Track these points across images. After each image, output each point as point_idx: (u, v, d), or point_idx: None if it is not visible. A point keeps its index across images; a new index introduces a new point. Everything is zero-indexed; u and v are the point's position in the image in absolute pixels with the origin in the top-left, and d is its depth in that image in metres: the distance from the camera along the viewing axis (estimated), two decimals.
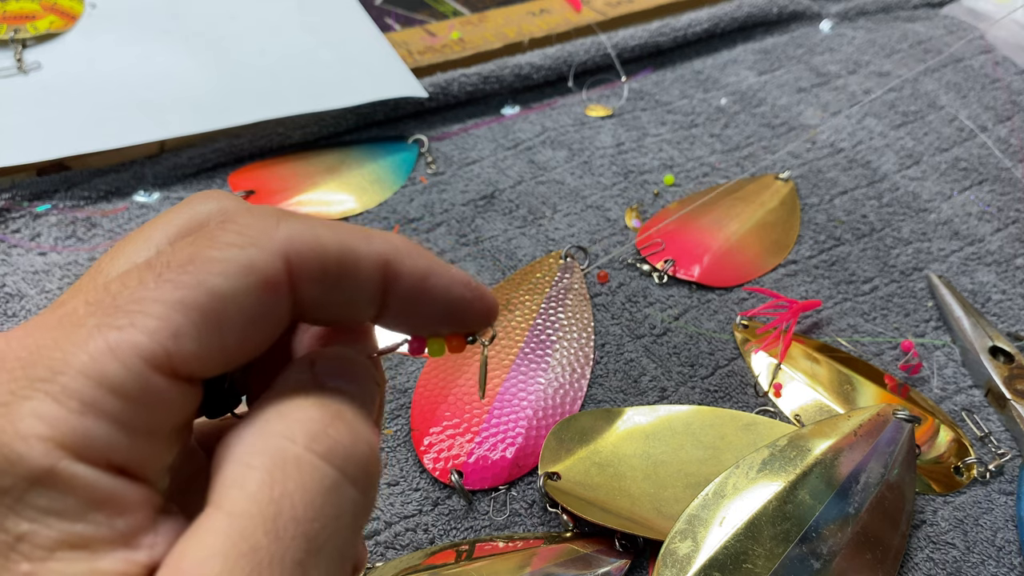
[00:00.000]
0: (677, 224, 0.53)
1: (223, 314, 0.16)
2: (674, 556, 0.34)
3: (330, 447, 0.16)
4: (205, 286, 0.16)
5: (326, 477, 0.16)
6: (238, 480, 0.16)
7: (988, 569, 0.38)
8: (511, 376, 0.43)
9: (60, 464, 0.15)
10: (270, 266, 0.17)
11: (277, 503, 0.15)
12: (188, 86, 0.56)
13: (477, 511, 0.38)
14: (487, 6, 0.71)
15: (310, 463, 0.16)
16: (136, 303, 0.16)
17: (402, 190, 0.55)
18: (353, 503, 0.17)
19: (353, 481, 0.17)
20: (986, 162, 0.60)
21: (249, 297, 0.17)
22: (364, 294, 0.19)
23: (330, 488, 0.16)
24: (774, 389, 0.44)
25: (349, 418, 0.17)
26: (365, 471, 0.17)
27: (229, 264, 0.16)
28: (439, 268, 0.19)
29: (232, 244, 0.17)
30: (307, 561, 0.15)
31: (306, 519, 0.16)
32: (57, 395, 0.15)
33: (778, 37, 0.72)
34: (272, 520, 0.15)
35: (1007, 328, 0.48)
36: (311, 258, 0.17)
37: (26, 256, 0.48)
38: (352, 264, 0.18)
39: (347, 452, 0.17)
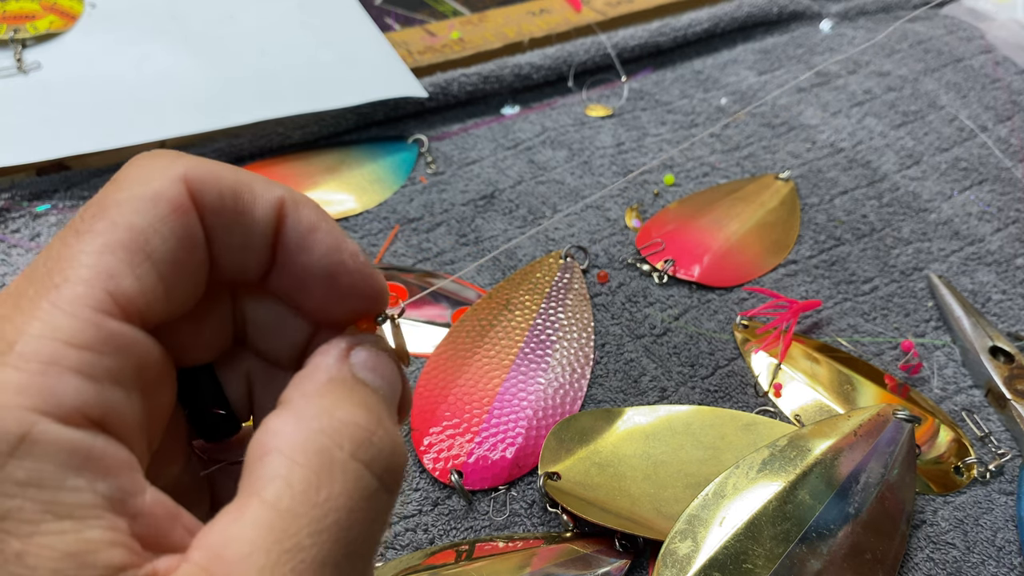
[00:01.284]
0: (677, 224, 0.53)
1: (148, 245, 0.17)
2: (674, 556, 0.34)
3: (374, 456, 0.17)
4: (122, 225, 0.16)
5: (369, 486, 0.17)
6: (283, 474, 0.16)
7: (988, 569, 0.38)
8: (511, 376, 0.43)
9: (35, 428, 0.15)
10: (174, 192, 0.17)
11: (323, 507, 0.16)
12: (188, 86, 0.56)
13: (477, 511, 0.38)
14: (487, 6, 0.71)
15: (355, 471, 0.17)
16: (65, 260, 0.16)
17: (402, 190, 0.55)
18: (387, 509, 0.17)
19: (389, 489, 0.17)
20: (986, 162, 0.60)
21: (165, 224, 0.17)
22: (259, 231, 0.19)
23: (371, 496, 0.17)
24: (774, 389, 0.44)
25: (388, 425, 0.18)
26: (399, 479, 0.18)
27: (137, 200, 0.17)
28: (329, 227, 0.19)
29: (135, 181, 0.17)
30: (343, 564, 0.16)
31: (348, 525, 0.16)
32: (16, 362, 0.15)
33: (778, 37, 0.72)
34: (318, 522, 0.16)
35: (1007, 328, 0.48)
36: (209, 184, 0.18)
37: (26, 256, 0.48)
38: (248, 198, 0.18)
39: (388, 461, 0.17)
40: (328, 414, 0.17)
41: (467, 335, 0.44)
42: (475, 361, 0.43)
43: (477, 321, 0.45)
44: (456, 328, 0.45)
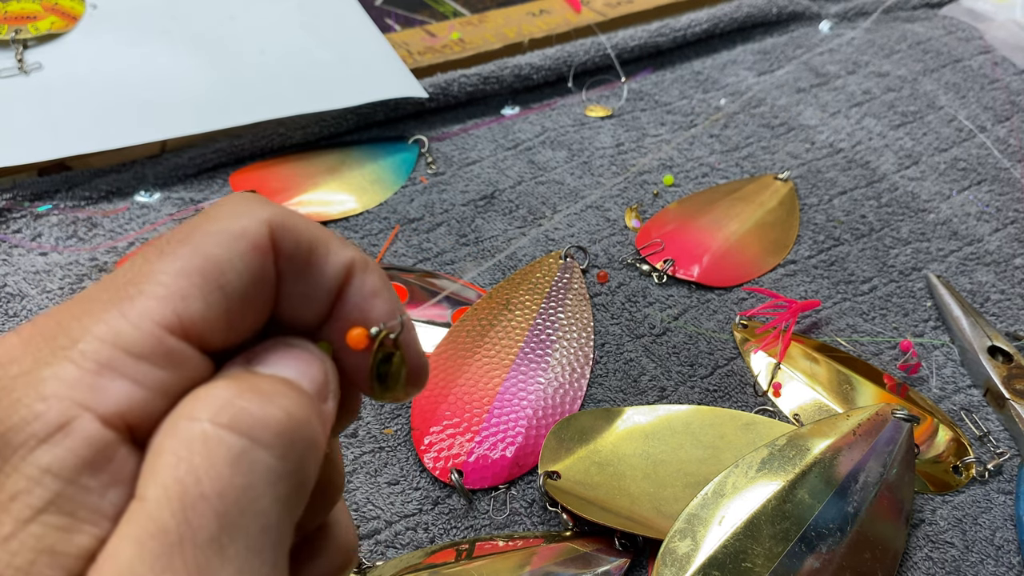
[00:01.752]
0: (676, 224, 0.53)
1: (222, 277, 0.17)
2: (673, 555, 0.34)
3: (234, 416, 0.16)
4: (203, 254, 0.17)
5: (232, 447, 0.16)
6: (149, 466, 0.16)
7: (987, 568, 0.38)
8: (511, 376, 0.43)
9: (76, 421, 0.15)
10: (257, 231, 0.18)
11: (183, 481, 0.15)
12: (189, 86, 0.56)
13: (477, 510, 0.39)
14: (487, 7, 0.71)
15: (215, 436, 0.16)
16: (144, 276, 0.17)
17: (402, 190, 0.55)
18: (268, 470, 0.16)
19: (266, 446, 0.16)
20: (985, 162, 0.60)
21: (243, 259, 0.18)
22: (326, 286, 0.19)
23: (237, 457, 0.16)
24: (773, 389, 0.44)
25: (265, 386, 0.17)
26: (281, 434, 0.16)
27: (223, 234, 0.18)
28: (389, 295, 0.20)
29: (224, 217, 0.18)
30: (222, 537, 0.15)
31: (214, 494, 0.15)
32: (76, 359, 0.16)
33: (777, 38, 0.72)
34: (179, 499, 0.15)
35: (1006, 328, 0.49)
36: (290, 232, 0.19)
37: (27, 256, 0.48)
38: (323, 252, 0.19)
39: (255, 418, 0.16)
40: (193, 398, 0.17)
41: (467, 335, 0.44)
42: (475, 361, 0.43)
43: (477, 321, 0.45)
44: (456, 328, 0.45)
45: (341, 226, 0.52)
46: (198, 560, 0.15)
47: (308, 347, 0.19)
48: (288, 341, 0.19)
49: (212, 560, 0.15)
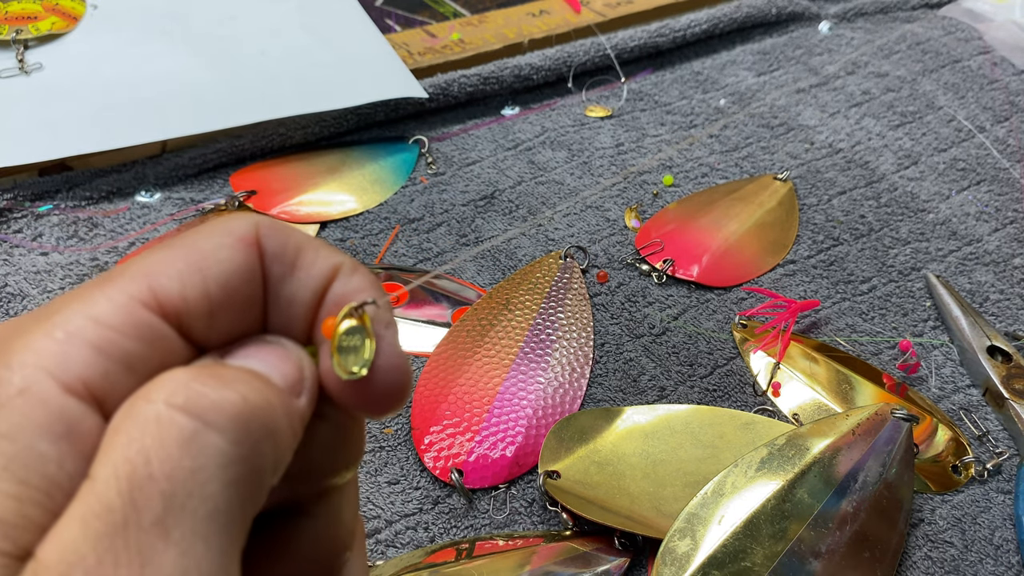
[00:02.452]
0: (676, 224, 0.53)
1: (203, 262, 0.18)
2: (673, 554, 0.34)
3: (188, 398, 0.16)
4: (189, 244, 0.18)
5: (184, 428, 0.16)
6: (104, 445, 0.16)
7: (986, 567, 0.38)
8: (511, 375, 0.43)
9: (35, 386, 0.16)
10: (243, 229, 0.19)
11: (132, 461, 0.15)
12: (189, 86, 0.56)
13: (477, 510, 0.39)
14: (487, 7, 0.71)
15: (167, 417, 0.16)
16: (129, 265, 0.18)
17: (402, 190, 0.55)
18: (219, 453, 0.16)
19: (219, 430, 0.16)
20: (984, 162, 0.61)
21: (224, 249, 0.18)
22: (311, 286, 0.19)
23: (188, 439, 0.15)
24: (772, 388, 0.44)
25: (225, 374, 0.17)
26: (234, 419, 0.16)
27: (211, 229, 0.19)
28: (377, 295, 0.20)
29: (218, 222, 0.19)
30: (167, 520, 0.15)
31: (161, 475, 0.15)
32: (48, 330, 0.16)
33: (777, 38, 0.72)
34: (126, 479, 0.15)
35: (1005, 328, 0.49)
36: (276, 234, 0.19)
37: (28, 256, 0.48)
38: (309, 256, 0.20)
39: (210, 402, 0.16)
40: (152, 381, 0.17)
41: (467, 335, 0.44)
42: (475, 360, 0.43)
43: (477, 321, 0.45)
44: (456, 328, 0.45)
45: (341, 226, 0.52)
46: (140, 542, 0.15)
47: (283, 343, 0.19)
48: (263, 338, 0.19)
49: (155, 543, 0.15)
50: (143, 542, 0.15)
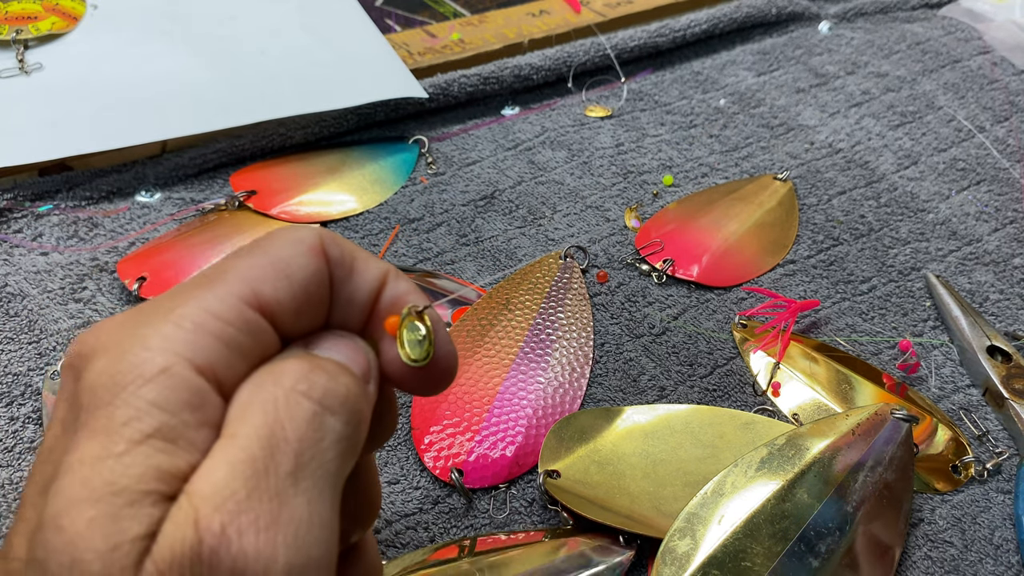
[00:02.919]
0: (676, 224, 0.53)
1: (288, 268, 0.22)
2: (673, 554, 0.34)
3: (310, 386, 0.20)
4: (272, 253, 0.22)
5: (307, 408, 0.20)
6: (239, 415, 0.20)
7: (986, 567, 0.38)
8: (511, 375, 0.43)
9: (175, 367, 0.19)
10: (312, 239, 0.23)
11: (271, 427, 0.19)
12: (189, 86, 0.56)
13: (477, 509, 0.39)
14: (487, 7, 0.72)
15: (295, 399, 0.20)
16: (224, 268, 0.22)
17: (402, 190, 0.55)
18: (333, 430, 0.20)
19: (332, 412, 0.20)
20: (984, 162, 0.61)
21: (302, 257, 0.22)
22: (365, 288, 0.24)
23: (311, 417, 0.20)
24: (772, 388, 0.44)
25: (329, 367, 0.21)
26: (344, 404, 0.21)
27: (285, 240, 0.23)
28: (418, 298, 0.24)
29: (285, 232, 0.23)
30: (296, 472, 0.19)
31: (294, 439, 0.19)
32: (174, 320, 0.20)
33: (777, 38, 0.72)
34: (267, 439, 0.19)
35: (1005, 327, 0.49)
36: (335, 245, 0.23)
37: (28, 256, 0.48)
38: (363, 263, 0.24)
39: (325, 390, 0.21)
40: (271, 371, 0.21)
41: (467, 335, 0.44)
42: (475, 360, 0.43)
43: (477, 321, 0.45)
44: (456, 328, 0.45)
45: (341, 226, 0.52)
46: (278, 486, 0.19)
47: (354, 338, 0.24)
48: (338, 332, 0.24)
49: (288, 488, 0.19)
50: (280, 486, 0.19)
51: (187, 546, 0.18)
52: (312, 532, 0.19)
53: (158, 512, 0.18)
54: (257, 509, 0.18)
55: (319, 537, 0.19)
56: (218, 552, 0.18)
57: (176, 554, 0.18)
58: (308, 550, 0.19)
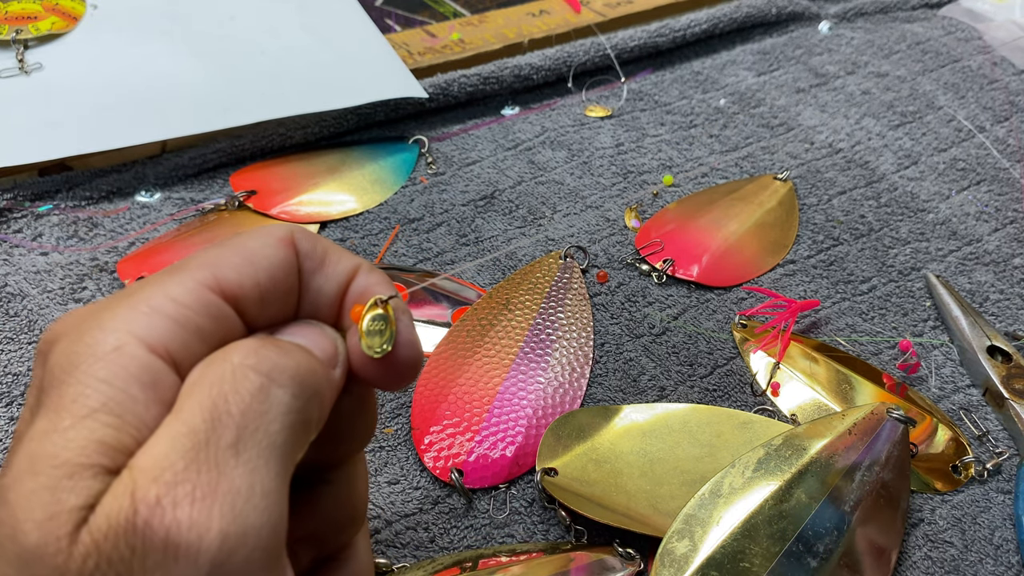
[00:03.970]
0: (676, 224, 0.53)
1: (252, 256, 0.23)
2: (672, 556, 0.34)
3: (258, 360, 0.21)
4: (239, 244, 0.23)
5: (254, 381, 0.20)
6: (187, 391, 0.20)
7: (986, 567, 0.38)
8: (511, 375, 0.43)
9: (127, 345, 0.20)
10: (281, 232, 0.24)
11: (214, 400, 0.20)
12: (189, 86, 0.56)
13: (477, 509, 0.39)
14: (487, 7, 0.72)
15: (242, 372, 0.20)
16: (193, 258, 0.23)
17: (402, 190, 0.55)
18: (281, 402, 0.21)
19: (280, 384, 0.21)
20: (984, 162, 0.61)
21: (268, 247, 0.23)
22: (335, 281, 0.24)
23: (258, 389, 0.20)
24: (772, 388, 0.44)
25: (282, 344, 0.22)
26: (293, 377, 0.21)
27: (256, 233, 0.23)
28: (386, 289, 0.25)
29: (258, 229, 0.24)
30: (237, 443, 0.19)
31: (237, 412, 0.20)
32: (134, 304, 0.21)
33: (777, 38, 0.72)
34: (210, 411, 0.20)
35: (1005, 328, 0.49)
36: (307, 239, 0.24)
37: (28, 256, 0.48)
38: (335, 257, 0.25)
39: (274, 363, 0.21)
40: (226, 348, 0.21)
41: (467, 335, 0.44)
42: (475, 360, 0.43)
43: (477, 321, 0.45)
44: (456, 328, 0.45)
45: (341, 226, 0.52)
46: (218, 457, 0.19)
47: (320, 325, 0.24)
48: (304, 320, 0.24)
49: (229, 459, 0.19)
50: (220, 457, 0.19)
51: (122, 516, 0.18)
52: (252, 501, 0.19)
53: (99, 485, 0.19)
54: (194, 480, 0.19)
55: (259, 506, 0.19)
56: (151, 522, 0.18)
57: (111, 524, 0.18)
58: (246, 519, 0.19)
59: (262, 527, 0.19)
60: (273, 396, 0.20)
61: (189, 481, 0.18)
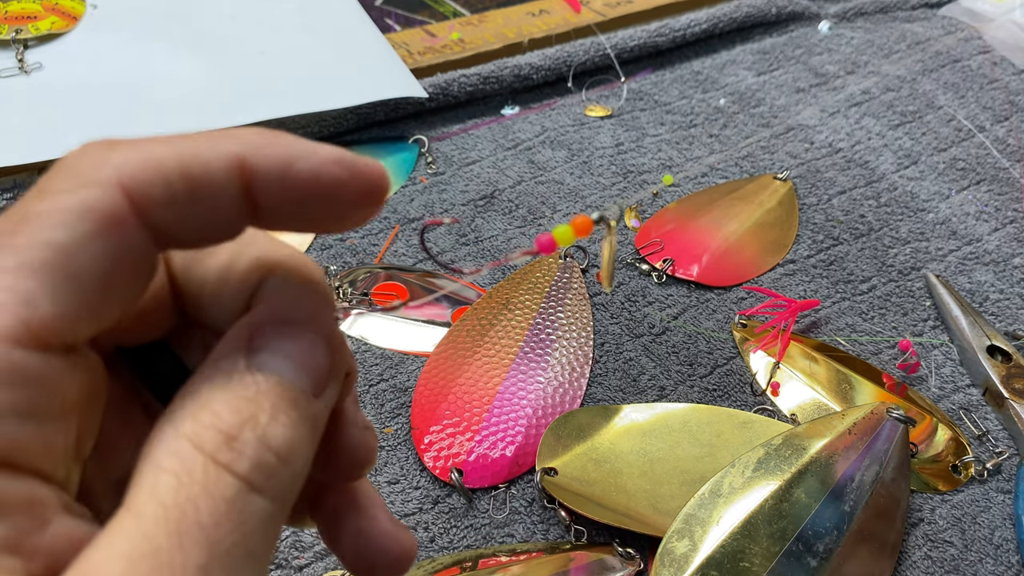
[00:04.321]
0: (676, 224, 0.53)
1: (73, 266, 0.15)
2: (672, 555, 0.34)
3: (233, 459, 0.16)
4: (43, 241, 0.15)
5: (229, 487, 0.16)
6: (148, 482, 0.16)
7: (986, 567, 0.38)
8: (511, 375, 0.43)
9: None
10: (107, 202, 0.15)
11: (182, 507, 0.15)
12: (189, 86, 0.56)
13: (477, 509, 0.39)
14: (487, 7, 0.71)
15: (215, 474, 0.16)
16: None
17: (402, 190, 0.55)
18: (261, 510, 0.16)
19: (260, 490, 0.16)
20: (984, 162, 0.61)
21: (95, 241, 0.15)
22: (225, 201, 0.17)
23: (234, 497, 0.16)
24: (772, 388, 0.44)
25: (263, 421, 0.17)
26: (275, 480, 0.17)
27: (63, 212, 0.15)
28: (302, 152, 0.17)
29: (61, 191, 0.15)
30: (210, 565, 0.15)
31: (210, 524, 0.15)
32: None
33: (776, 38, 0.72)
34: (176, 523, 0.15)
35: (1004, 327, 0.49)
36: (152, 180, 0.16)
37: None
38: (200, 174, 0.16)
39: (253, 464, 0.16)
40: (195, 414, 0.16)
41: (467, 334, 0.44)
42: (475, 360, 0.43)
43: (477, 321, 0.45)
44: (456, 327, 0.45)
45: None
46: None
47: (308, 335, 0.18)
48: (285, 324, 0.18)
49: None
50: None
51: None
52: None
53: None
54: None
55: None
56: None
57: None
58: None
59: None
60: (252, 505, 0.16)
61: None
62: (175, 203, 0.16)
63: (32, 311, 0.15)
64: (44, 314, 0.15)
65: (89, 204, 0.15)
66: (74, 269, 0.15)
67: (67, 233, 0.15)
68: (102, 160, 0.15)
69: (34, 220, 0.15)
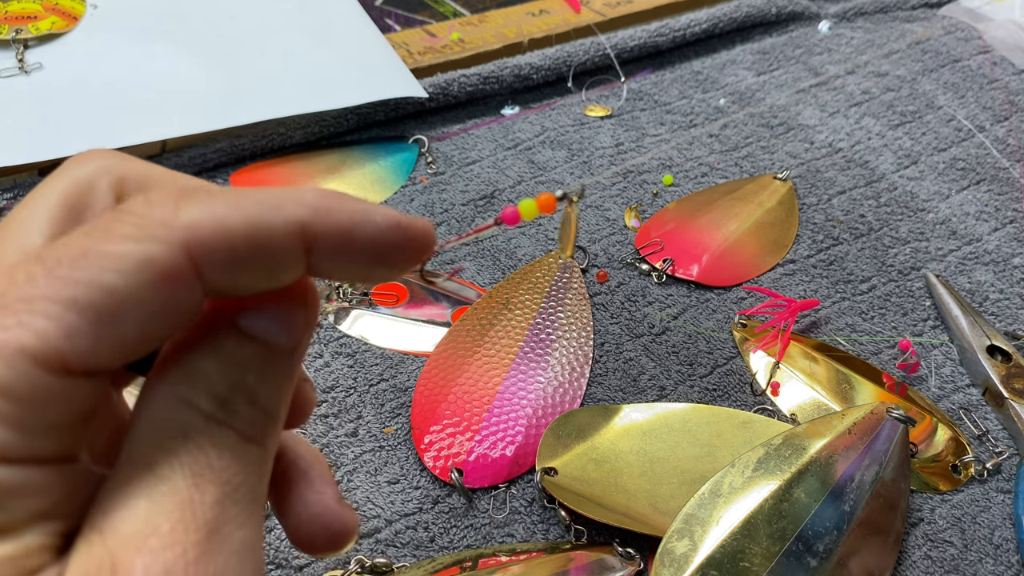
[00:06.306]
0: (676, 224, 0.53)
1: (119, 310, 0.16)
2: (672, 555, 0.34)
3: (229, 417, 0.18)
4: (99, 283, 0.15)
5: (228, 438, 0.18)
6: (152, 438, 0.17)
7: (986, 567, 0.38)
8: (511, 375, 0.43)
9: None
10: (169, 260, 0.16)
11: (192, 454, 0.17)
12: (189, 86, 0.56)
13: (477, 509, 0.39)
14: (487, 7, 0.72)
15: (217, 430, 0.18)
16: (25, 302, 0.15)
17: (402, 190, 0.55)
18: (256, 456, 0.18)
19: (255, 440, 0.18)
20: (984, 162, 0.61)
21: (147, 292, 0.16)
22: (282, 264, 0.18)
23: (234, 447, 0.18)
24: (771, 388, 0.44)
25: (251, 382, 0.18)
26: (263, 430, 0.19)
27: (124, 259, 0.16)
28: (363, 218, 0.18)
29: (127, 237, 0.16)
30: (224, 501, 0.17)
31: (219, 469, 0.17)
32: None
33: (776, 38, 0.72)
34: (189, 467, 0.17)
35: (1004, 327, 0.49)
36: (217, 244, 0.16)
37: None
38: (264, 240, 0.17)
39: (246, 420, 0.18)
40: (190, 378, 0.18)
41: (467, 334, 0.44)
42: (475, 360, 0.43)
43: (477, 320, 0.45)
44: (456, 327, 0.45)
45: None
46: (205, 515, 0.17)
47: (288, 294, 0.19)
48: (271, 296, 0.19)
49: (217, 515, 0.17)
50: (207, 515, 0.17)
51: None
52: (243, 557, 0.17)
53: None
54: (184, 542, 0.16)
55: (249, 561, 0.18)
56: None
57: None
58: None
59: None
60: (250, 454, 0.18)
61: (179, 543, 0.16)
62: (235, 267, 0.17)
63: (70, 345, 0.15)
64: (80, 349, 0.15)
65: (152, 259, 0.16)
66: (122, 314, 0.16)
67: (124, 280, 0.15)
68: (171, 215, 0.16)
69: (96, 258, 0.16)
